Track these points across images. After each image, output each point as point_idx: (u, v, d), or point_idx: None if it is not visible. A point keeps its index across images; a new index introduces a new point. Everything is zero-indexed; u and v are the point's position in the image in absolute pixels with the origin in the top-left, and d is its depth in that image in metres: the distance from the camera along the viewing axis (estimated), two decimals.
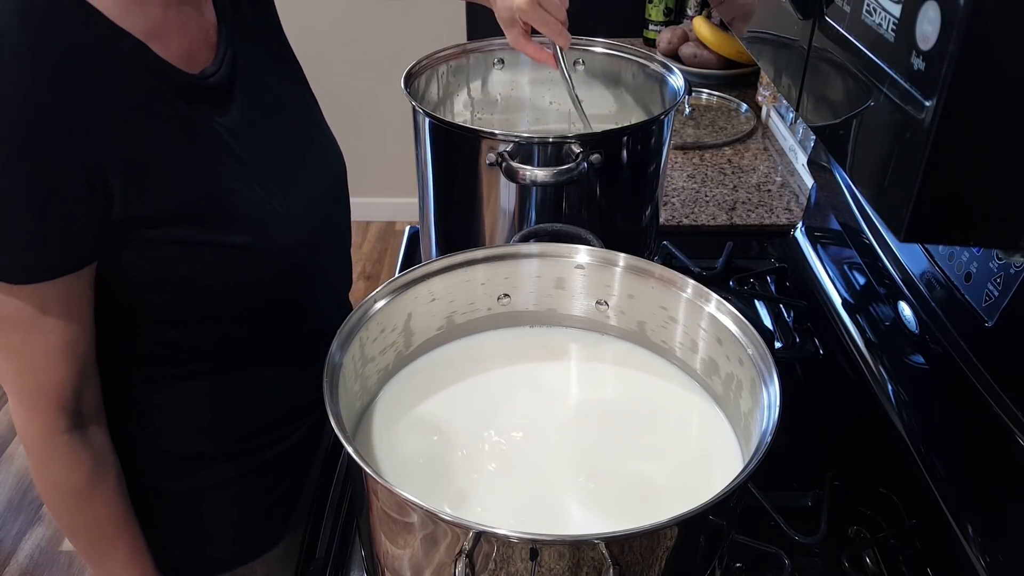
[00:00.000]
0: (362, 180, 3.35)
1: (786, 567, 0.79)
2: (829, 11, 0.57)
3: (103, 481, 0.81)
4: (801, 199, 1.45)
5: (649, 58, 1.16)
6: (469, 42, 1.18)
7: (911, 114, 0.44)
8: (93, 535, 0.84)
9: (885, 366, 0.91)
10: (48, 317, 0.71)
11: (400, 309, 0.78)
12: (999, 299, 0.69)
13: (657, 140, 1.03)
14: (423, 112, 1.00)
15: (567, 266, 0.83)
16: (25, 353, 0.73)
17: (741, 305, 0.76)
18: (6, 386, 0.76)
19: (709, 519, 0.59)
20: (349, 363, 0.70)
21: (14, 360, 0.74)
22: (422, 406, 0.78)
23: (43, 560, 2.03)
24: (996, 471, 0.70)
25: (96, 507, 0.82)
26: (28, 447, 0.80)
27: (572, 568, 0.56)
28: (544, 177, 0.92)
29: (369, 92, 3.09)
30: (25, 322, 0.71)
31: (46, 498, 0.82)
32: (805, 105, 0.63)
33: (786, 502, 0.87)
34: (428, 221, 1.12)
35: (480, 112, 1.24)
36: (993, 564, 0.69)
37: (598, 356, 0.86)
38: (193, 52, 0.77)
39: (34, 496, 2.18)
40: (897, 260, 0.89)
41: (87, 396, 0.78)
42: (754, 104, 1.80)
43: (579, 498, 0.70)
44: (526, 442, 0.75)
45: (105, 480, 0.81)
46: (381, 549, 0.65)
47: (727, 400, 0.77)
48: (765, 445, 0.60)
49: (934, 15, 0.42)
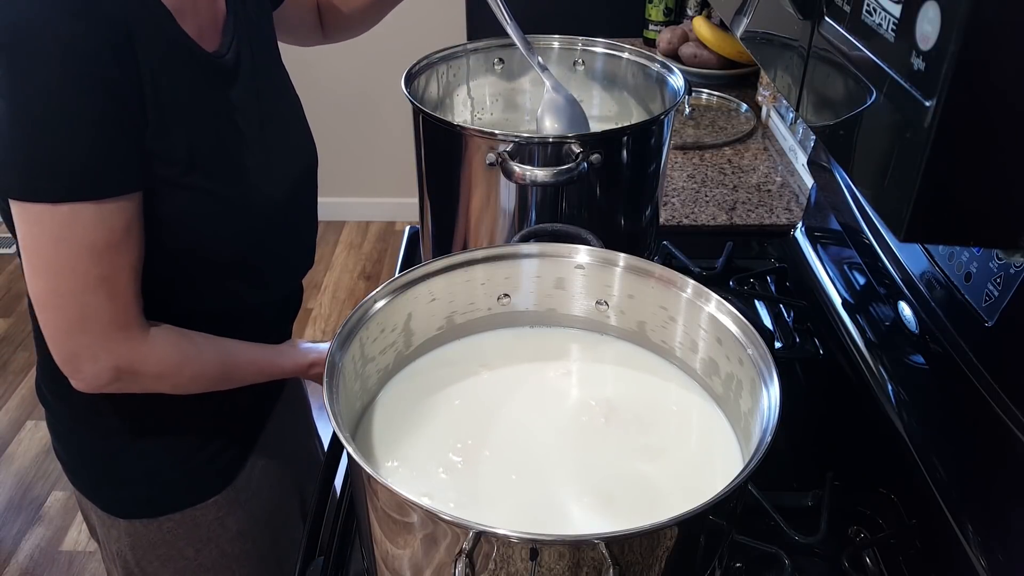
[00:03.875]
0: (362, 180, 3.36)
1: (786, 567, 0.79)
2: (829, 11, 0.57)
3: (197, 348, 0.88)
4: (801, 199, 1.45)
5: (649, 58, 1.16)
6: (469, 42, 1.19)
7: (911, 114, 0.44)
8: (225, 381, 0.91)
9: (885, 366, 0.91)
10: (130, 236, 0.77)
11: (400, 309, 0.78)
12: (999, 299, 0.69)
13: (657, 140, 1.03)
14: (423, 112, 1.00)
15: (567, 266, 0.83)
16: (115, 276, 0.77)
17: (741, 305, 0.76)
18: (94, 327, 0.78)
19: (709, 519, 0.59)
20: (349, 363, 0.70)
21: (108, 289, 0.77)
22: (422, 406, 0.78)
23: (43, 560, 2.03)
24: (996, 471, 0.70)
25: (208, 368, 0.89)
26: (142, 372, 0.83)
27: (572, 568, 0.56)
28: (544, 177, 0.92)
29: (369, 92, 3.09)
30: (115, 244, 0.76)
31: (190, 389, 0.89)
32: (805, 105, 0.63)
33: (786, 502, 0.87)
34: (428, 221, 1.12)
35: (480, 112, 1.24)
36: (993, 564, 0.69)
37: (598, 356, 0.86)
38: (203, 35, 0.84)
39: (34, 496, 2.19)
40: (897, 260, 0.89)
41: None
42: (754, 104, 1.80)
43: (579, 498, 0.70)
44: (526, 442, 0.75)
45: (198, 346, 0.88)
46: (381, 549, 0.65)
47: (727, 400, 0.77)
48: (765, 445, 0.60)
49: (934, 15, 0.42)
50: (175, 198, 0.81)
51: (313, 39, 1.17)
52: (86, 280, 0.76)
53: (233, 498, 1.02)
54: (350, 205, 3.34)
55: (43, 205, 0.73)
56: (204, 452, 0.99)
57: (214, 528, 1.01)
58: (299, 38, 1.15)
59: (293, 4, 1.08)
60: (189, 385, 0.88)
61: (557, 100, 1.06)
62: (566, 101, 1.06)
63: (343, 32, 1.18)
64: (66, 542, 2.07)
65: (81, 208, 0.73)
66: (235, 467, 1.03)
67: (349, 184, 3.28)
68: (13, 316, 2.80)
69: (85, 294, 0.76)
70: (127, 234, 0.77)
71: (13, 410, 2.45)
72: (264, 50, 0.95)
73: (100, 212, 0.74)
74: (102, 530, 1.02)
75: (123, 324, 0.80)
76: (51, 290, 0.76)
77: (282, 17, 1.05)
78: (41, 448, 2.32)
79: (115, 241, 0.76)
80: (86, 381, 0.81)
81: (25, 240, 0.75)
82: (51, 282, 0.76)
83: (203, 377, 0.89)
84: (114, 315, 0.79)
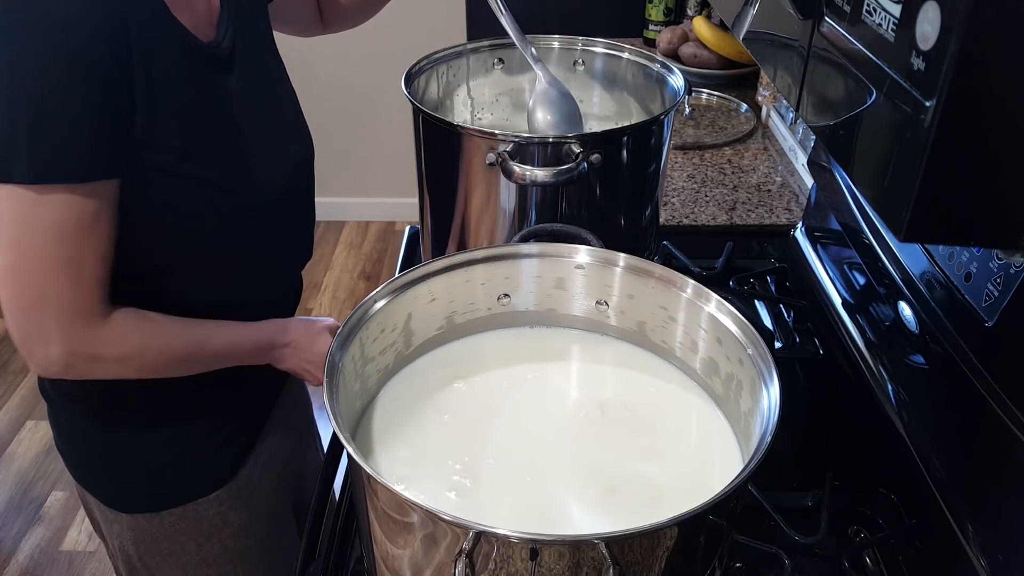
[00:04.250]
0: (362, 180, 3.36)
1: (786, 567, 0.79)
2: (829, 11, 0.57)
3: (159, 326, 0.86)
4: (801, 199, 1.45)
5: (649, 58, 1.16)
6: (469, 42, 1.19)
7: (911, 114, 0.44)
8: (194, 357, 0.89)
9: (885, 366, 0.91)
10: (100, 222, 0.77)
11: (400, 309, 0.78)
12: (999, 299, 0.69)
13: (657, 140, 1.03)
14: (423, 112, 1.00)
15: (567, 266, 0.83)
16: (79, 261, 0.77)
17: (741, 305, 0.76)
18: (52, 309, 0.77)
19: (709, 519, 0.59)
20: (349, 363, 0.70)
21: (71, 272, 0.77)
22: (422, 406, 0.78)
23: (43, 560, 2.03)
24: (996, 471, 0.70)
25: (172, 343, 0.86)
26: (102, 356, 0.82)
27: (572, 568, 0.56)
28: (544, 177, 0.92)
29: (369, 92, 3.09)
30: (83, 228, 0.75)
31: (159, 371, 0.87)
32: (805, 105, 0.63)
33: (786, 502, 0.87)
34: (428, 221, 1.12)
35: (480, 112, 1.24)
36: (993, 564, 0.69)
37: (598, 356, 0.86)
38: (199, 26, 0.85)
39: (34, 496, 2.19)
40: (897, 260, 0.89)
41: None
42: (754, 104, 1.80)
43: (579, 498, 0.70)
44: (526, 442, 0.75)
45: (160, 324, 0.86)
46: (381, 549, 0.65)
47: (727, 400, 0.77)
48: (765, 445, 0.60)
49: (934, 15, 0.42)
50: (170, 187, 0.81)
51: (312, 29, 1.17)
52: (48, 261, 0.75)
53: (235, 493, 1.02)
54: (350, 205, 3.34)
55: (17, 184, 0.72)
56: (207, 446, 1.00)
57: (216, 523, 1.01)
58: (297, 28, 1.14)
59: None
60: (156, 367, 0.86)
61: (550, 92, 1.06)
62: (559, 93, 1.06)
63: (342, 22, 1.18)
64: (66, 542, 2.07)
65: (54, 189, 0.73)
66: (237, 462, 1.03)
67: (349, 184, 3.28)
68: None
69: (47, 273, 0.76)
70: (96, 219, 0.76)
71: (13, 410, 2.45)
72: (259, 41, 0.95)
73: (73, 195, 0.74)
74: (105, 525, 1.03)
75: (82, 309, 0.79)
76: (12, 267, 0.76)
77: (279, 7, 1.04)
78: (41, 448, 2.32)
79: (84, 225, 0.75)
80: (40, 364, 0.81)
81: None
82: (13, 259, 0.76)
83: (169, 356, 0.86)
84: (73, 299, 0.78)
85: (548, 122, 1.04)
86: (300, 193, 1.01)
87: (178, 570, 1.03)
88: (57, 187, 0.73)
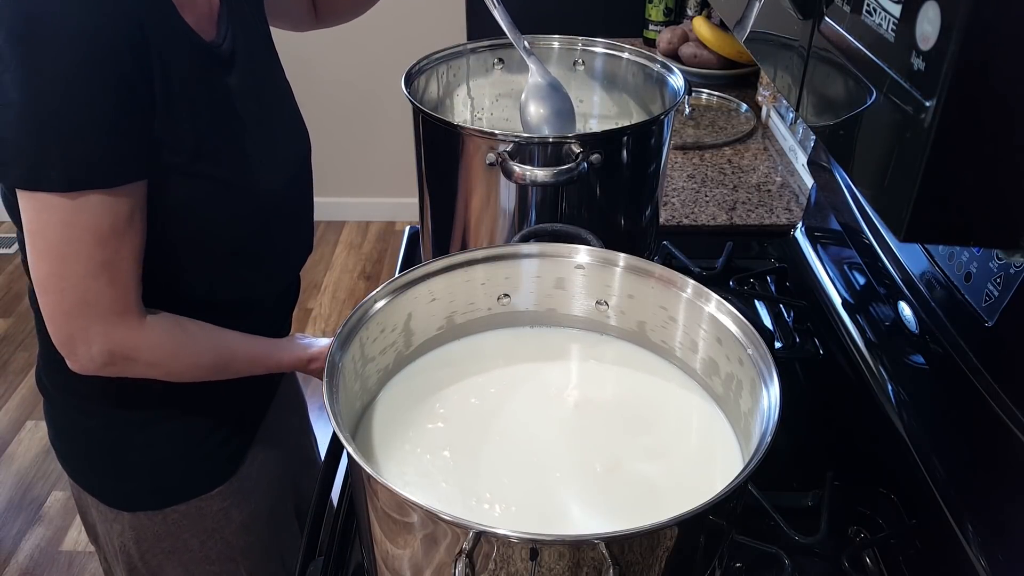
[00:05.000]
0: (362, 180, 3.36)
1: (786, 567, 0.79)
2: (829, 11, 0.57)
3: (192, 336, 0.88)
4: (801, 199, 1.45)
5: (649, 58, 1.16)
6: (469, 42, 1.18)
7: (911, 114, 0.44)
8: (228, 365, 0.92)
9: (885, 366, 0.91)
10: (134, 223, 0.79)
11: (400, 309, 0.78)
12: (999, 299, 0.70)
13: (657, 140, 1.03)
14: (423, 112, 1.00)
15: (567, 266, 0.83)
16: (117, 263, 0.78)
17: (741, 305, 0.76)
18: (94, 311, 0.79)
19: (709, 519, 0.59)
20: (349, 363, 0.70)
21: (110, 274, 0.78)
22: (422, 406, 0.78)
23: (43, 560, 2.03)
24: (996, 471, 0.70)
25: (204, 355, 0.89)
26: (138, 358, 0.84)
27: (572, 568, 0.56)
28: (544, 177, 0.92)
29: (369, 92, 3.09)
30: (119, 231, 0.77)
31: (185, 378, 0.90)
32: (805, 105, 0.63)
33: (786, 502, 0.87)
34: (428, 221, 1.12)
35: (480, 112, 1.24)
36: (993, 564, 0.69)
37: (598, 356, 0.86)
38: (201, 25, 0.85)
39: (34, 496, 2.19)
40: (897, 260, 0.89)
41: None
42: (754, 104, 1.80)
43: (579, 498, 0.70)
44: (526, 442, 0.75)
45: (193, 334, 0.88)
46: (381, 549, 0.65)
47: (727, 400, 0.77)
48: (765, 445, 0.60)
49: (934, 15, 0.42)
50: (183, 186, 0.82)
51: (306, 23, 1.16)
52: (88, 265, 0.77)
53: (237, 488, 1.02)
54: (350, 205, 3.34)
55: (53, 193, 0.74)
56: (209, 442, 1.00)
57: (219, 519, 1.01)
58: (292, 22, 1.14)
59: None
60: (184, 373, 0.89)
61: (541, 85, 1.05)
62: (550, 86, 1.05)
63: (337, 16, 1.17)
64: (66, 542, 2.07)
65: (89, 195, 0.74)
66: (237, 458, 1.03)
67: (349, 184, 3.28)
68: (13, 316, 2.80)
69: (87, 278, 0.77)
70: (131, 221, 0.78)
71: (13, 410, 2.45)
72: (257, 37, 0.96)
73: (107, 200, 0.75)
74: (103, 526, 1.02)
75: (121, 309, 0.81)
76: (54, 274, 0.77)
77: (274, 1, 1.04)
78: (41, 448, 2.32)
79: (119, 228, 0.77)
80: (80, 363, 0.82)
81: (32, 225, 0.76)
82: (55, 266, 0.77)
83: (198, 367, 0.89)
84: (113, 300, 0.80)
85: (541, 116, 1.04)
86: (300, 189, 1.01)
87: (180, 568, 1.03)
88: (92, 193, 0.74)
